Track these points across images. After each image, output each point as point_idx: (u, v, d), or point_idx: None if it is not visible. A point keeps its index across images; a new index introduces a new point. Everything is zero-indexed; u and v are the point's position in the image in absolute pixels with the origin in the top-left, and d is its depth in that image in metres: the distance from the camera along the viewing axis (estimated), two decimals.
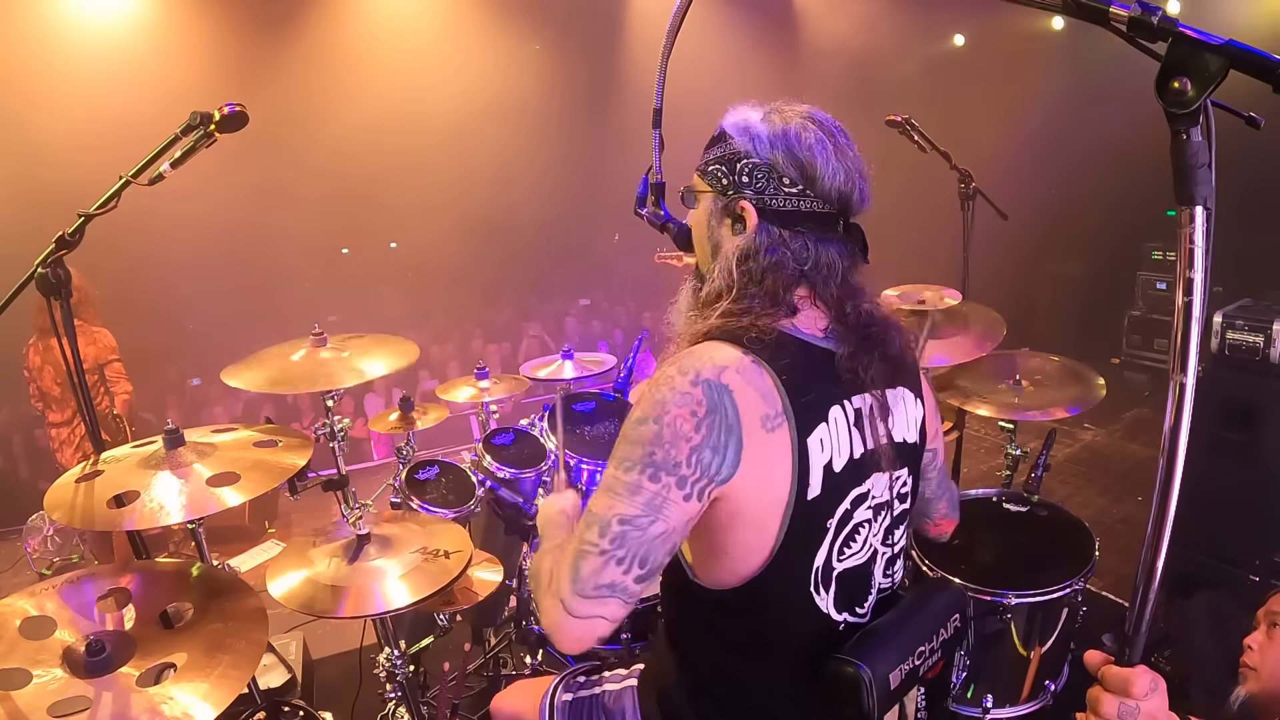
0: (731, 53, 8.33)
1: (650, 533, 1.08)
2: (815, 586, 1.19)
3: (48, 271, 1.72)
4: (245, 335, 7.92)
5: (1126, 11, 0.74)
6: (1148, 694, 0.84)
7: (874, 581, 1.29)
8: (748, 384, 1.09)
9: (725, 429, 1.08)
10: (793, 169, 1.17)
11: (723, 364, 1.10)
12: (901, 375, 1.29)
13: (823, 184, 1.17)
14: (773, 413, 1.10)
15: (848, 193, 1.19)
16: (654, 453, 1.08)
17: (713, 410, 1.07)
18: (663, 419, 1.08)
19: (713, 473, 1.08)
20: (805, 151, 1.16)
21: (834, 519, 1.18)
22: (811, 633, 1.22)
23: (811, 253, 1.19)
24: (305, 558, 1.90)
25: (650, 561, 1.09)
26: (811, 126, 1.18)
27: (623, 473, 1.09)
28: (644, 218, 1.54)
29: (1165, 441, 0.78)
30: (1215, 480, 2.88)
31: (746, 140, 1.19)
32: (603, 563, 1.08)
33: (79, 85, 6.65)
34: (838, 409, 1.17)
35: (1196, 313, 0.75)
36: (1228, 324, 2.97)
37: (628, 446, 1.11)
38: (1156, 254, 6.33)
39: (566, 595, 1.09)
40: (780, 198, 1.18)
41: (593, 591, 1.08)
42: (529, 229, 10.09)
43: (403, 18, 8.04)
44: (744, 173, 1.20)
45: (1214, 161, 0.73)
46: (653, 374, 1.17)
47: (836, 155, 1.17)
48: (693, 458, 1.07)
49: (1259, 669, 1.64)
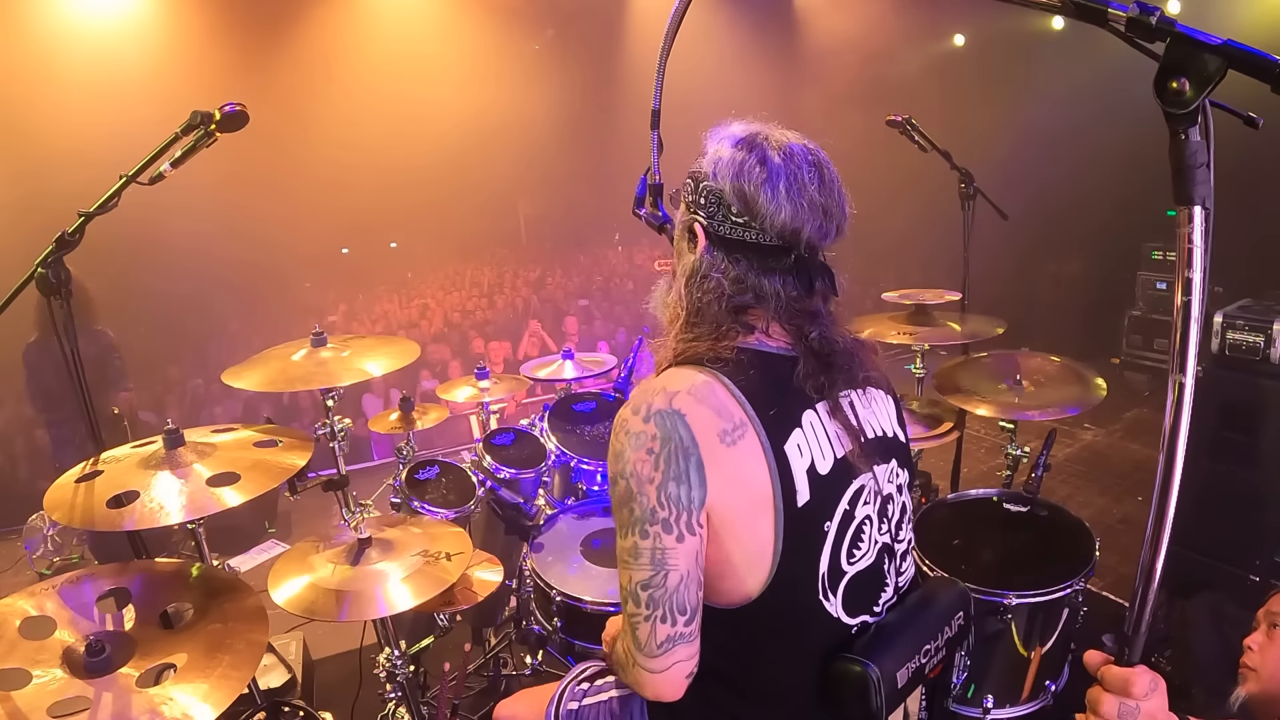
0: (731, 53, 8.34)
1: (670, 585, 1.13)
2: (823, 593, 1.19)
3: (48, 271, 1.72)
4: (245, 335, 7.94)
5: (1125, 12, 0.74)
6: (1148, 694, 0.84)
7: (888, 580, 1.29)
8: (700, 403, 1.12)
9: (682, 454, 1.10)
10: (737, 199, 1.18)
11: (674, 390, 1.13)
12: (870, 381, 1.31)
13: (765, 219, 1.17)
14: (730, 427, 1.11)
15: (795, 228, 1.18)
16: (634, 509, 1.12)
17: (666, 440, 1.10)
18: (625, 471, 1.13)
19: (685, 503, 1.10)
20: (751, 187, 1.17)
21: (833, 521, 1.18)
22: (823, 641, 1.21)
23: (751, 281, 1.20)
24: (308, 563, 1.90)
25: (688, 606, 1.14)
26: (775, 159, 1.18)
27: (623, 540, 1.15)
28: (642, 218, 1.55)
29: (1165, 441, 0.78)
30: (1215, 480, 2.89)
31: (710, 163, 1.22)
32: (651, 627, 1.14)
33: (79, 85, 6.65)
34: (811, 414, 1.19)
35: (1196, 313, 0.76)
36: (1228, 324, 2.97)
37: (617, 513, 1.16)
38: (1156, 254, 6.32)
39: (643, 661, 1.17)
40: (727, 225, 1.20)
41: (658, 650, 1.16)
42: (529, 228, 10.10)
43: (403, 18, 8.04)
44: (702, 194, 1.23)
45: (1213, 161, 0.73)
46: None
47: (789, 192, 1.16)
48: (661, 496, 1.10)
49: (1259, 669, 1.64)
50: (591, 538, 2.50)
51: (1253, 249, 4.59)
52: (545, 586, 2.26)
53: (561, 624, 2.28)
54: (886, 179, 5.74)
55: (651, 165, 1.57)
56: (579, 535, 2.51)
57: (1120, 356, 6.53)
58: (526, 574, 2.46)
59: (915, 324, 3.02)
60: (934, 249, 4.95)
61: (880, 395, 1.34)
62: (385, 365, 2.27)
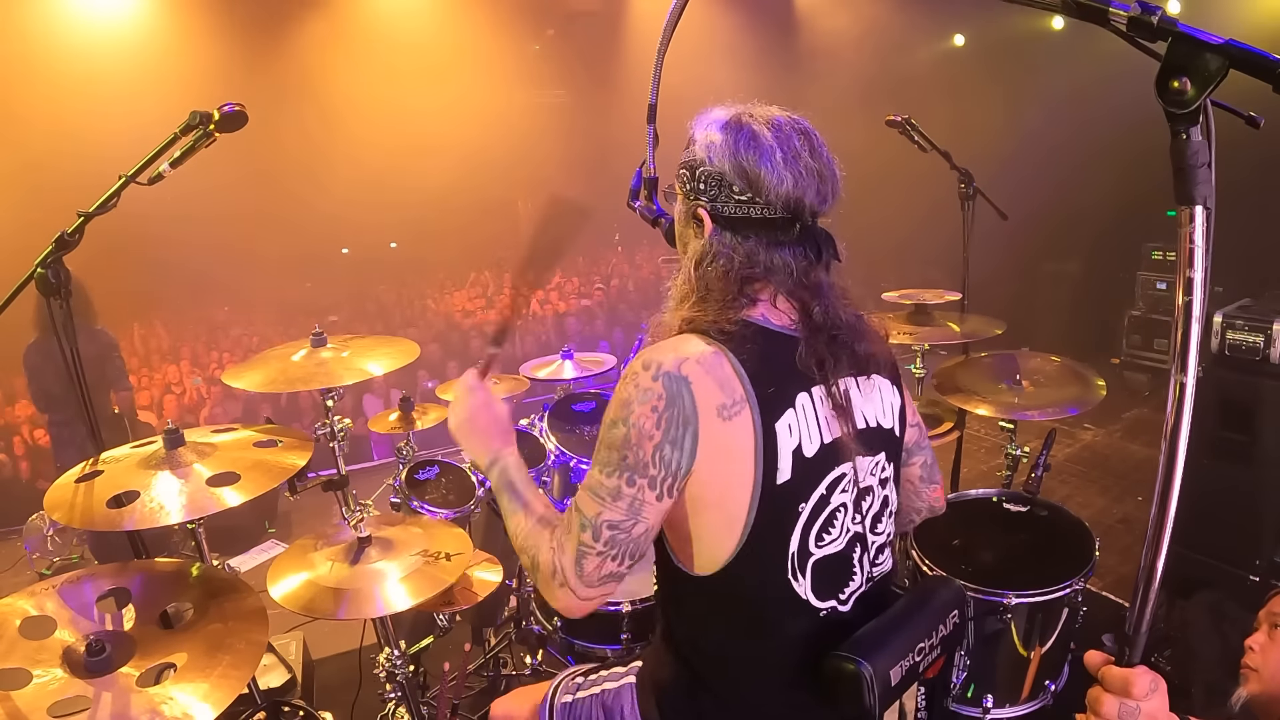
0: (730, 49, 8.35)
1: (634, 533, 1.18)
2: (792, 572, 1.21)
3: (47, 271, 1.72)
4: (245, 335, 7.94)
5: (1126, 11, 0.74)
6: (1148, 694, 0.84)
7: (857, 569, 1.30)
8: (706, 374, 1.14)
9: (682, 421, 1.13)
10: (739, 178, 1.20)
11: (684, 355, 1.15)
12: (874, 365, 1.32)
13: (769, 192, 1.19)
14: (730, 401, 1.14)
15: (798, 197, 1.20)
16: (626, 456, 1.15)
17: (671, 403, 1.13)
18: (629, 419, 1.15)
19: (674, 468, 1.14)
20: (750, 162, 1.19)
21: (808, 503, 1.20)
22: (795, 620, 1.24)
23: (762, 257, 1.22)
24: (307, 560, 1.90)
25: (639, 553, 1.20)
26: (766, 133, 1.20)
27: (605, 477, 1.17)
28: (636, 210, 1.56)
29: (1165, 441, 0.78)
30: (1215, 480, 2.88)
31: (704, 148, 1.23)
32: (600, 562, 1.19)
33: (79, 85, 6.65)
34: (805, 396, 1.20)
35: (1197, 312, 0.75)
36: (1228, 324, 2.97)
37: (606, 450, 1.18)
38: (1156, 254, 6.32)
39: (576, 587, 1.20)
40: (731, 205, 1.22)
41: (597, 583, 1.21)
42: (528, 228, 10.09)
43: (402, 18, 8.04)
44: (701, 179, 1.24)
45: (1214, 161, 0.73)
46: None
47: (786, 162, 1.19)
48: (656, 455, 1.14)
49: (1260, 670, 1.64)
50: None
51: (1253, 249, 4.59)
52: None
53: (561, 624, 2.28)
54: (886, 179, 5.74)
55: (647, 159, 1.57)
56: None
57: (1120, 356, 6.53)
58: (527, 574, 2.46)
59: (915, 324, 3.02)
60: (934, 249, 4.95)
61: (884, 384, 1.34)
62: (385, 365, 2.26)
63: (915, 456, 1.53)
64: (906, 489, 1.55)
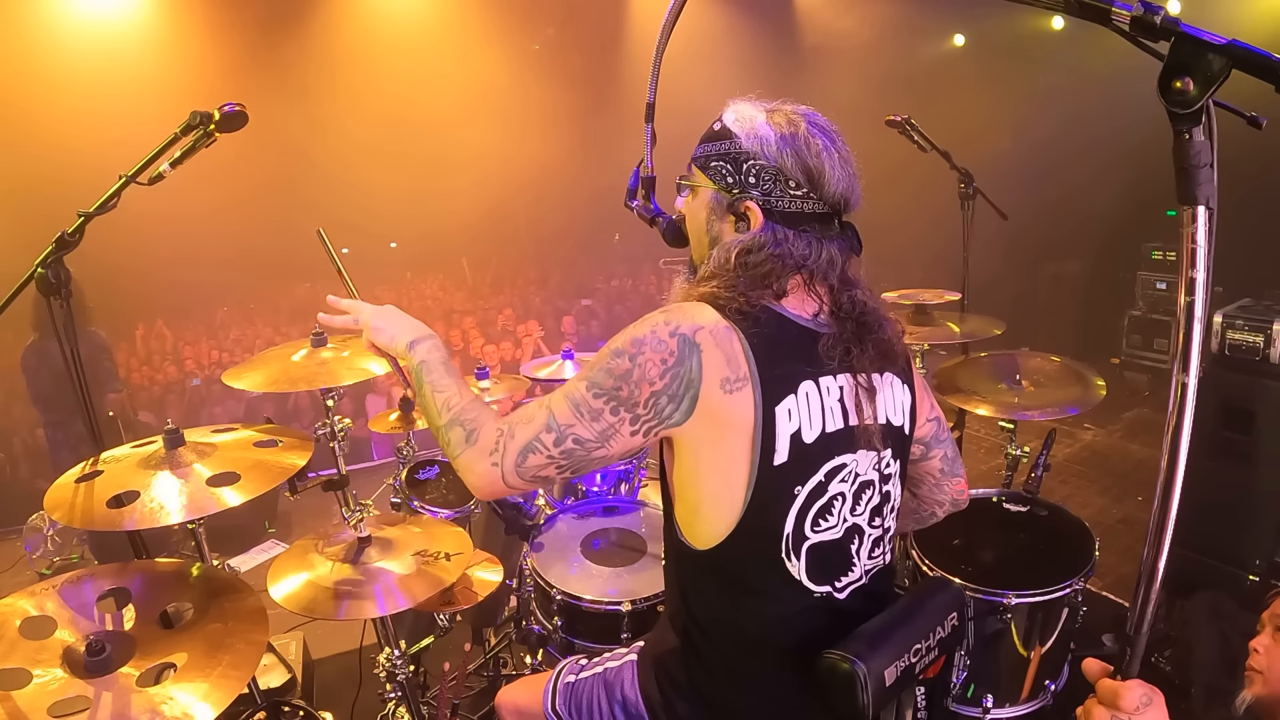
0: (729, 49, 8.34)
1: (593, 455, 1.20)
2: (786, 553, 1.23)
3: (47, 271, 1.71)
4: (245, 335, 7.94)
5: (1129, 11, 0.74)
6: (1139, 708, 0.83)
7: (855, 560, 1.31)
8: (717, 346, 1.17)
9: (686, 383, 1.16)
10: (800, 173, 1.23)
11: (700, 324, 1.18)
12: (889, 361, 1.33)
13: (827, 188, 1.24)
14: (734, 377, 1.17)
15: (847, 194, 1.26)
16: (620, 388, 1.17)
17: (680, 363, 1.16)
18: (637, 358, 1.17)
19: (664, 417, 1.18)
20: (814, 158, 1.22)
21: (804, 487, 1.22)
22: (789, 599, 1.26)
23: (815, 250, 1.25)
24: (307, 560, 1.90)
25: (582, 471, 1.24)
26: (816, 131, 1.24)
27: (591, 397, 1.19)
28: (634, 210, 1.55)
29: (1167, 441, 0.78)
30: (1215, 480, 2.88)
31: (754, 141, 1.24)
32: (546, 461, 1.21)
33: (80, 85, 6.64)
34: (810, 384, 1.22)
35: (1199, 313, 0.75)
36: (1228, 324, 2.97)
37: (600, 373, 1.19)
38: (1157, 254, 6.32)
39: (508, 473, 1.21)
40: (786, 199, 1.24)
41: (530, 479, 1.23)
42: (529, 229, 10.09)
43: (402, 17, 8.04)
44: (750, 173, 1.24)
45: (1216, 161, 0.73)
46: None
47: (842, 162, 1.24)
48: (650, 401, 1.17)
49: (1265, 672, 1.62)
50: (591, 538, 2.50)
51: (1253, 249, 4.59)
52: (546, 586, 2.27)
53: (562, 623, 2.28)
54: (886, 179, 5.72)
55: (645, 158, 1.57)
56: (579, 535, 2.51)
57: (1120, 356, 6.53)
58: (527, 573, 2.46)
59: (915, 324, 3.02)
60: (934, 249, 4.95)
61: (897, 384, 1.35)
62: (386, 365, 2.26)
63: (935, 450, 1.54)
64: (928, 482, 1.56)
